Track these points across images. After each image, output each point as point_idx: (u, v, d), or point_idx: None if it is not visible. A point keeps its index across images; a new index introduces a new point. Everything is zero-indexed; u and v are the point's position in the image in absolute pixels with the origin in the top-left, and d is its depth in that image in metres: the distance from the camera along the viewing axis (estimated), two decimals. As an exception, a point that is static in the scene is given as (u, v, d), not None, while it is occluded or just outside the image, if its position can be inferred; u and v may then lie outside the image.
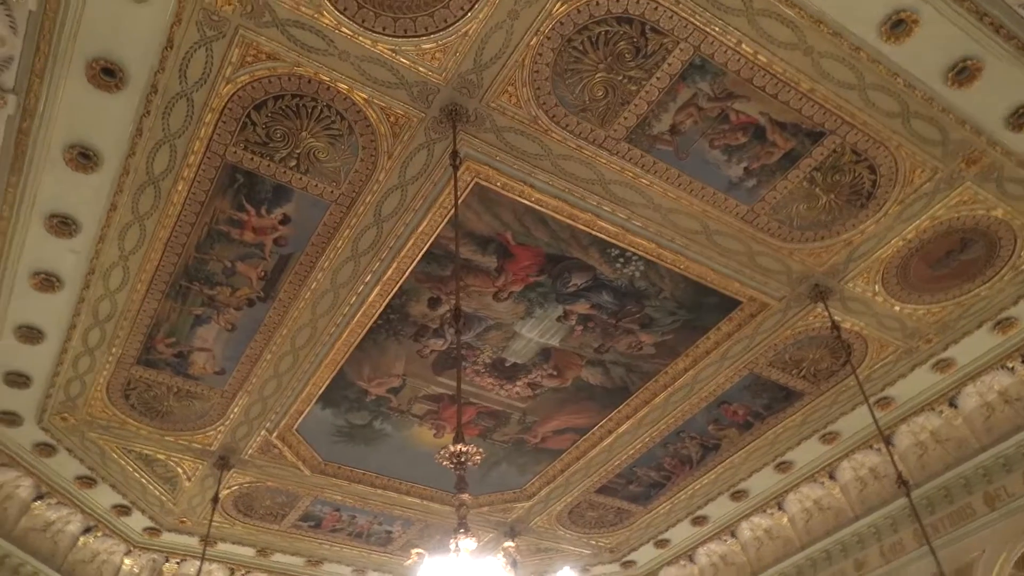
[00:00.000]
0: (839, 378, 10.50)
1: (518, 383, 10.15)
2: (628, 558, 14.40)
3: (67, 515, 12.29)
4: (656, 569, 14.71)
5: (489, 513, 12.52)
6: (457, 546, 4.74)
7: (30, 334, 9.04)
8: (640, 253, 8.44)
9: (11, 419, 10.38)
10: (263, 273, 8.45)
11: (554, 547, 13.83)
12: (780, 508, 13.02)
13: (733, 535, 13.71)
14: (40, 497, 11.81)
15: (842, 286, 9.04)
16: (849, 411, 11.09)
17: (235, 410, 10.30)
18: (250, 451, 11.10)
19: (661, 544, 14.06)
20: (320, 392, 10.06)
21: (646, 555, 14.39)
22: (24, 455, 11.09)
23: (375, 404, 10.38)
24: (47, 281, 8.40)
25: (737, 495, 12.83)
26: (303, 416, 10.46)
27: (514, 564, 5.10)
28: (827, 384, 10.62)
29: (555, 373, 10.04)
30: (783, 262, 8.67)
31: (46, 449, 10.97)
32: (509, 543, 5.11)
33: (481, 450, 5.30)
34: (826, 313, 9.17)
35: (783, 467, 12.23)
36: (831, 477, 12.34)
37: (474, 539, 4.93)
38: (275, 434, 10.76)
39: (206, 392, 10.04)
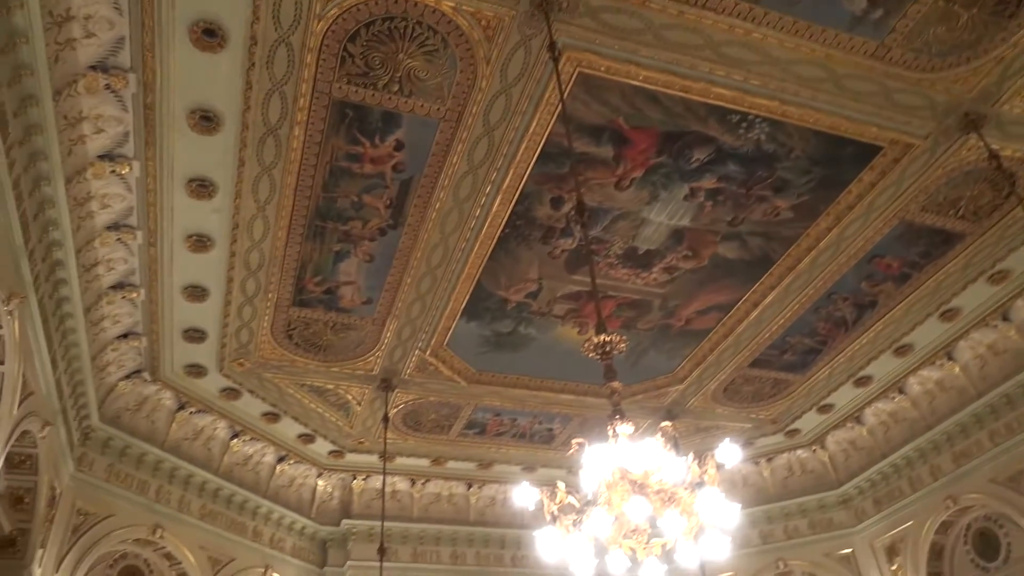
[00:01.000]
0: (1003, 212, 9.65)
1: (654, 270, 10.04)
2: (791, 427, 14.26)
3: (261, 449, 13.60)
4: (822, 434, 14.51)
5: (643, 400, 12.68)
6: (615, 432, 4.85)
7: (196, 292, 9.83)
8: (763, 114, 7.96)
9: (198, 371, 11.47)
10: (389, 201, 8.68)
11: (713, 425, 13.89)
12: (950, 358, 12.37)
13: (901, 391, 13.22)
14: (236, 436, 13.11)
15: (997, 110, 8.19)
16: (1020, 246, 10.23)
17: (388, 335, 10.86)
18: (408, 371, 11.72)
19: (824, 409, 13.80)
20: (462, 307, 10.39)
21: (810, 422, 14.19)
22: (215, 401, 12.28)
23: (516, 310, 10.61)
24: (200, 242, 9.04)
25: (901, 350, 12.28)
26: (451, 332, 10.87)
27: (674, 443, 5.17)
28: (990, 221, 9.79)
29: (690, 254, 9.83)
30: (925, 95, 7.93)
31: (232, 393, 12.09)
32: (666, 423, 5.16)
33: (624, 338, 5.33)
34: (981, 143, 8.36)
35: (949, 315, 11.54)
36: (1005, 319, 11.54)
37: (630, 424, 5.02)
38: (428, 352, 11.28)
39: (358, 322, 10.62)
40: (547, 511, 4.91)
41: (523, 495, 5.19)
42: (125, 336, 10.53)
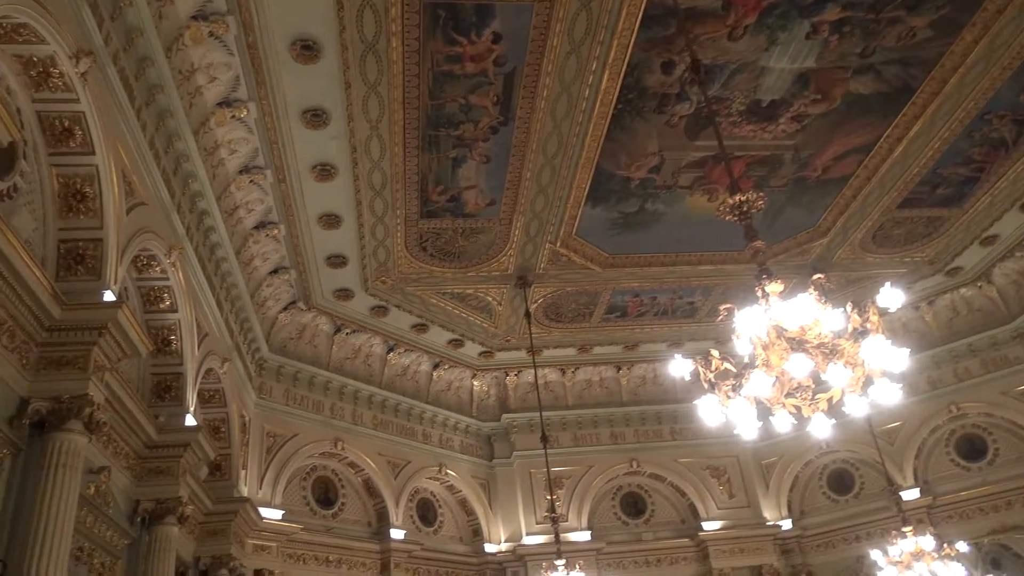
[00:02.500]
0: None
1: (780, 121, 9.41)
2: (952, 265, 13.32)
3: (416, 358, 14.29)
4: (988, 268, 13.47)
5: (786, 259, 12.19)
6: (764, 292, 4.68)
7: (330, 220, 10.21)
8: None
9: (346, 294, 12.06)
10: (495, 98, 8.53)
11: (864, 275, 13.20)
12: None
13: (1077, 209, 11.97)
14: (391, 349, 13.82)
15: None
16: None
17: (516, 233, 10.91)
18: (542, 265, 11.79)
19: (988, 242, 12.76)
20: (585, 193, 10.23)
21: (972, 257, 13.19)
22: (366, 319, 12.92)
23: (641, 188, 10.34)
24: (324, 171, 9.30)
25: (1073, 163, 11.04)
26: (578, 219, 10.77)
27: (826, 295, 4.93)
28: None
29: (819, 97, 9.12)
30: None
31: (380, 310, 12.67)
32: (818, 275, 4.92)
33: (762, 195, 5.06)
34: None
35: None
36: None
37: (779, 282, 4.82)
38: (558, 243, 11.27)
39: (486, 224, 10.71)
40: (704, 380, 4.86)
41: (677, 367, 5.16)
42: (275, 271, 11.16)
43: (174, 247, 8.19)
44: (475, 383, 15.35)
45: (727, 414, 4.90)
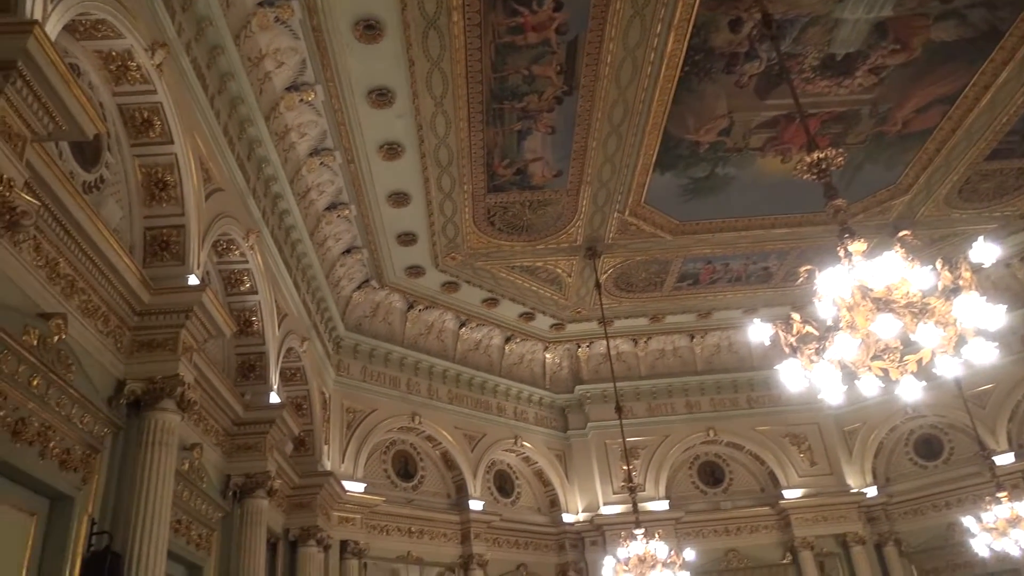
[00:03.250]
0: None
1: (857, 74, 9.01)
2: (1046, 218, 12.61)
3: (488, 332, 14.40)
4: (1087, 219, 12.70)
5: (865, 219, 11.74)
6: (846, 252, 4.51)
7: (399, 198, 10.31)
8: None
9: (417, 271, 12.21)
10: (559, 67, 8.42)
11: (951, 232, 12.61)
12: None
13: None
14: (463, 324, 13.96)
15: None
16: None
17: (584, 203, 10.81)
18: (611, 235, 11.67)
19: (1086, 191, 12.00)
20: (653, 159, 10.04)
21: (1069, 208, 12.44)
22: (438, 295, 13.07)
23: (710, 152, 10.08)
24: (391, 150, 9.38)
25: None
26: (646, 187, 10.60)
27: (913, 253, 4.71)
28: None
29: (898, 47, 8.69)
30: None
31: (451, 286, 12.79)
32: (904, 232, 4.71)
33: (841, 151, 4.85)
34: None
35: None
36: None
37: (862, 241, 4.64)
38: (627, 212, 11.12)
39: (553, 196, 10.64)
40: (784, 344, 4.72)
41: (756, 332, 5.03)
42: (348, 251, 11.37)
43: (251, 231, 8.41)
44: (547, 355, 15.39)
45: (810, 379, 4.76)
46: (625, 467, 12.32)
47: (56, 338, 5.15)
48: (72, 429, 5.31)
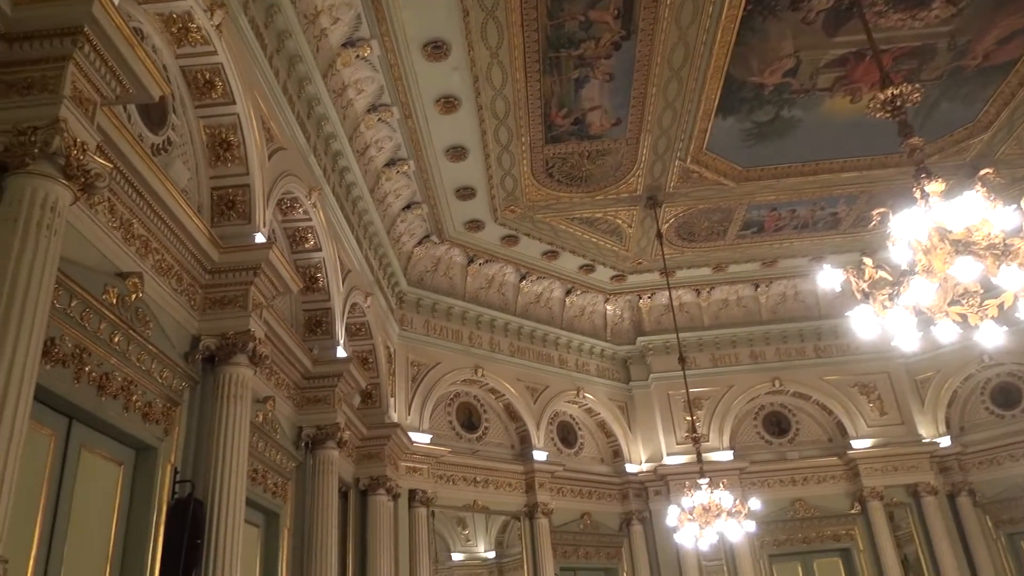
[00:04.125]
0: None
1: (933, 5, 8.52)
2: None
3: (548, 285, 14.40)
4: None
5: (941, 159, 11.21)
6: (922, 192, 4.31)
7: (456, 152, 10.29)
8: None
9: (476, 225, 12.22)
10: (616, 11, 8.19)
11: (1034, 171, 11.98)
12: None
13: None
14: (523, 278, 13.98)
15: None
16: None
17: (644, 151, 10.60)
18: (672, 183, 11.45)
19: None
20: (715, 104, 9.75)
21: None
22: (498, 249, 13.09)
23: (775, 94, 9.73)
24: (448, 103, 9.33)
25: None
26: (708, 133, 10.32)
27: (994, 192, 4.48)
28: None
29: (980, -27, 8.17)
30: None
31: (510, 240, 12.78)
32: (985, 170, 4.47)
33: (917, 86, 4.61)
34: None
35: None
36: None
37: (939, 180, 4.43)
38: (688, 160, 10.87)
39: (612, 145, 10.47)
40: (856, 290, 4.57)
41: (827, 279, 4.88)
42: (408, 207, 11.45)
43: (314, 189, 8.53)
44: (608, 307, 15.33)
45: (883, 326, 4.62)
46: (688, 418, 12.29)
47: (134, 296, 5.35)
48: (152, 383, 5.54)
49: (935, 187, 4.27)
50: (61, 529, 4.64)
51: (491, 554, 17.97)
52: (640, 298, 15.23)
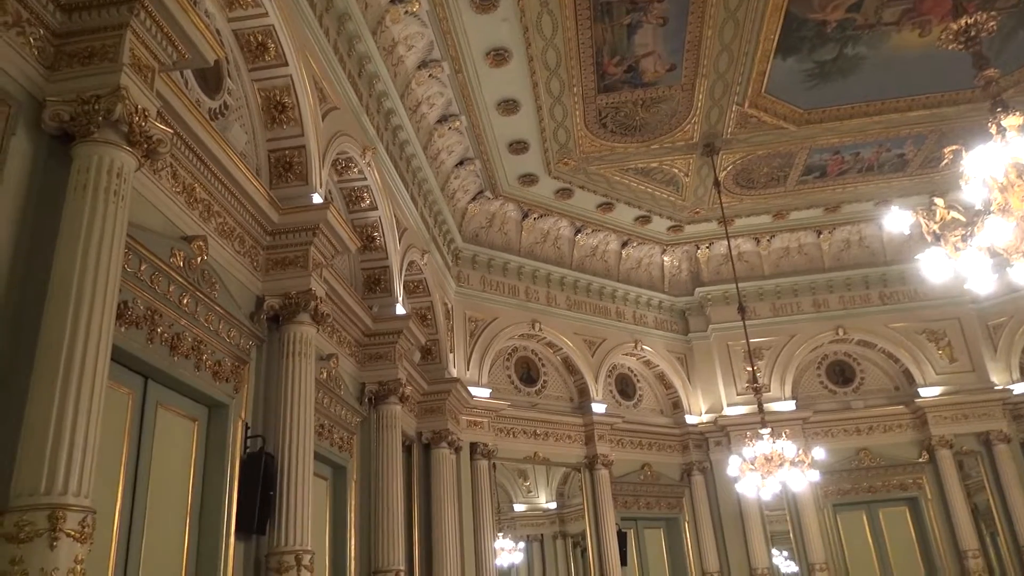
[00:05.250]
0: None
1: (1012, -73, 8.00)
2: None
3: (604, 238, 14.28)
4: None
5: (1017, 93, 10.60)
6: (999, 127, 4.09)
7: (508, 106, 10.19)
8: None
9: (530, 179, 12.15)
10: (669, -49, 7.93)
11: (1120, 101, 11.26)
12: None
13: None
14: (578, 231, 13.89)
15: None
16: None
17: (700, 97, 10.32)
18: (729, 129, 11.15)
19: None
20: (774, 45, 9.40)
21: None
22: (552, 203, 13.01)
23: (838, 31, 9.32)
24: (498, 55, 9.22)
25: None
26: (767, 75, 9.97)
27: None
28: None
29: None
30: None
31: (565, 193, 12.68)
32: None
33: (993, 14, 4.35)
34: None
35: None
36: None
37: (1017, 114, 4.19)
38: (746, 104, 10.55)
39: (667, 92, 10.21)
40: (927, 232, 4.40)
41: (894, 221, 4.70)
42: (461, 163, 11.43)
43: (367, 148, 8.57)
44: (665, 258, 15.15)
45: (955, 269, 4.44)
46: (749, 368, 12.15)
47: (199, 259, 5.49)
48: (221, 343, 5.71)
49: (1012, 121, 4.04)
50: (143, 483, 4.87)
51: (552, 504, 18.28)
52: (698, 248, 15.01)
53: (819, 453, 10.60)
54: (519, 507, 18.58)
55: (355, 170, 8.61)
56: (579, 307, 14.26)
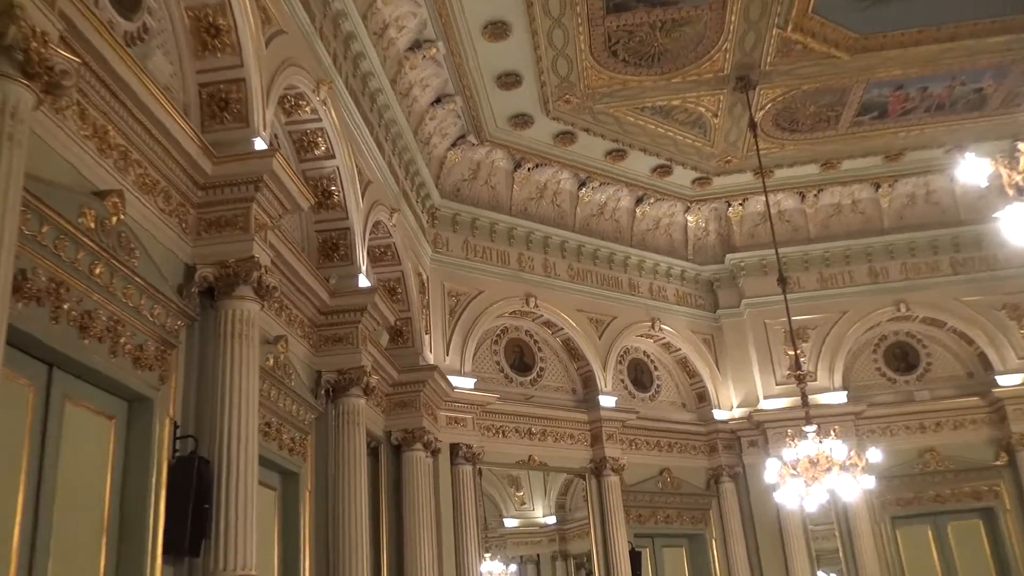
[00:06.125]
0: None
1: None
2: None
3: (614, 193, 14.31)
4: None
5: (1123, 14, 10.65)
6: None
7: (496, 29, 10.15)
8: None
9: (523, 120, 12.14)
10: None
11: None
12: None
13: None
14: (583, 184, 13.92)
15: None
16: None
17: (732, 19, 10.31)
18: (769, 59, 11.14)
19: None
20: (825, -47, 9.38)
21: None
22: (550, 150, 13.03)
23: (904, -64, 9.30)
24: (483, -34, 9.15)
25: None
26: (815, -8, 9.99)
27: None
28: None
29: None
30: None
31: (566, 137, 12.68)
32: None
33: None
34: None
35: None
36: None
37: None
38: (789, 28, 10.55)
39: (691, 12, 10.19)
40: (1007, 185, 4.42)
41: (968, 171, 4.72)
42: (438, 101, 11.39)
43: (322, 81, 8.50)
44: (689, 218, 15.20)
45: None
46: (791, 352, 12.23)
47: (114, 219, 5.45)
48: (142, 322, 5.70)
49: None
50: (48, 493, 4.87)
51: (551, 519, 18.48)
52: (729, 205, 15.05)
53: (875, 455, 10.71)
54: (511, 522, 18.78)
55: (307, 109, 8.56)
56: (583, 278, 14.31)
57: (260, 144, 6.84)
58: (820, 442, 10.40)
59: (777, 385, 14.71)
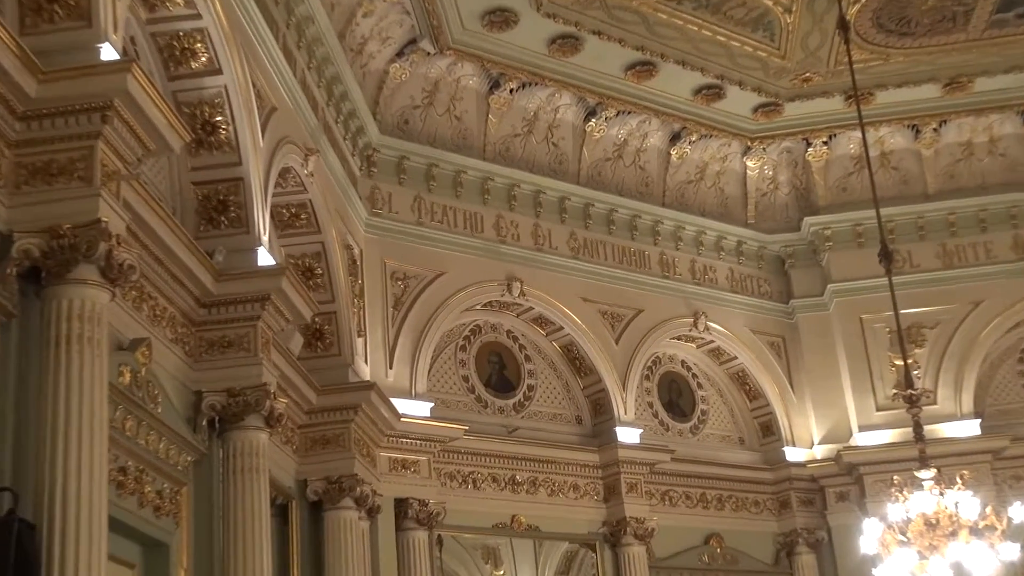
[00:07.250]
0: None
1: None
2: None
3: (637, 126, 14.28)
4: None
5: None
6: None
7: None
8: None
9: (503, 17, 12.07)
10: None
11: None
12: None
13: None
14: (591, 114, 13.86)
15: None
16: None
17: None
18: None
19: None
20: None
21: None
22: (544, 63, 12.99)
23: None
24: None
25: None
26: None
27: None
28: None
29: None
30: None
31: (567, 44, 12.63)
32: None
33: None
34: None
35: None
36: None
37: None
38: None
39: None
40: None
41: None
42: (376, -12, 11.35)
43: (201, -42, 8.43)
44: (749, 164, 15.20)
45: None
46: (900, 361, 12.26)
47: None
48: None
49: None
50: None
51: (545, 610, 18.46)
52: (809, 145, 15.07)
53: (1021, 512, 10.78)
54: (485, 614, 18.77)
55: (179, 1, 8.47)
56: (591, 252, 14.28)
57: (109, 52, 6.75)
58: (942, 494, 10.45)
59: (878, 411, 14.79)
